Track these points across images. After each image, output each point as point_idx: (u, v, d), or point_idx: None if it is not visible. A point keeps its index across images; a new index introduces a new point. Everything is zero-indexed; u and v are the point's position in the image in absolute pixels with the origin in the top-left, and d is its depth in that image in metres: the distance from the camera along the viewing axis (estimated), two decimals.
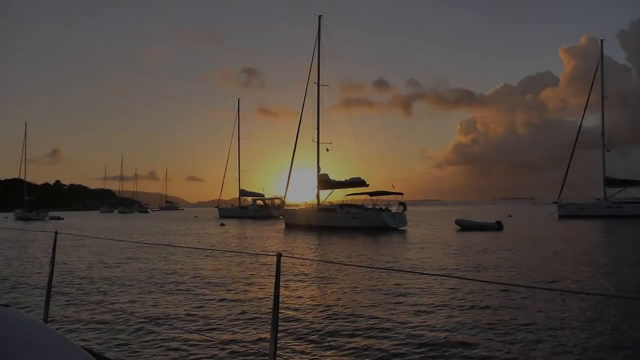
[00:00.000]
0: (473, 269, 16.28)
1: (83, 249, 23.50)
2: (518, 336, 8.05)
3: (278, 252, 3.38)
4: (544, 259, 18.37)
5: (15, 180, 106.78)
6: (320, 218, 42.05)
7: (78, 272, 15.62)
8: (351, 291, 12.06)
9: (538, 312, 9.67)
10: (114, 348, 7.47)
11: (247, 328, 8.64)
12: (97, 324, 8.85)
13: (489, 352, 7.23)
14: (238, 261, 18.20)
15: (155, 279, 14.23)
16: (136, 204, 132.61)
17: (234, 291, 12.22)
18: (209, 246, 26.46)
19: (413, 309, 9.94)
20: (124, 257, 19.70)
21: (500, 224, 37.29)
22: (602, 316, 9.43)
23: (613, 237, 29.09)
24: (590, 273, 14.94)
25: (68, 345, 1.78)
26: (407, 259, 19.28)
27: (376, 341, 7.79)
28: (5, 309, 1.87)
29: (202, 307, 10.31)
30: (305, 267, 16.43)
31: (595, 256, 19.28)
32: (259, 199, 77.06)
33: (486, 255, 19.83)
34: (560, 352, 7.25)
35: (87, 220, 72.46)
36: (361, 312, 9.80)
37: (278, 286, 3.38)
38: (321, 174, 46.44)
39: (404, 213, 39.92)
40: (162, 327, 8.60)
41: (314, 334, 8.28)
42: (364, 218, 39.54)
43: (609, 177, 58.37)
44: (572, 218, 53.59)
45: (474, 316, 9.39)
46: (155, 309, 10.23)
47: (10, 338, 1.68)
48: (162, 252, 21.34)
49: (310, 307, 10.41)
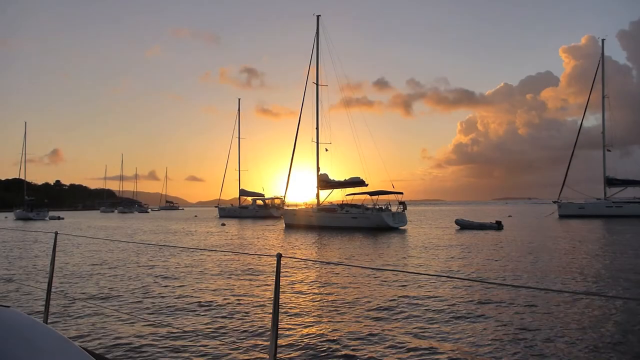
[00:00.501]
0: (473, 269, 16.27)
1: (83, 249, 23.49)
2: (518, 336, 8.05)
3: (278, 253, 3.38)
4: (543, 259, 18.35)
5: (16, 180, 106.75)
6: (320, 218, 42.04)
7: (78, 273, 15.62)
8: (351, 291, 12.06)
9: (538, 313, 9.67)
10: (114, 348, 7.47)
11: (247, 328, 8.64)
12: (97, 325, 8.84)
13: (489, 350, 7.23)
14: (238, 261, 18.19)
15: (156, 279, 14.23)
16: (136, 204, 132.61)
17: (234, 292, 12.21)
18: (209, 246, 26.45)
19: (413, 309, 9.94)
20: (124, 257, 19.71)
21: (500, 223, 37.31)
22: (605, 317, 9.42)
23: (613, 237, 29.06)
24: (589, 273, 14.93)
25: (68, 346, 1.78)
26: (407, 258, 19.27)
27: (377, 341, 7.79)
28: (5, 310, 1.88)
29: (202, 308, 10.31)
30: (306, 268, 16.43)
31: (594, 256, 19.27)
32: (259, 198, 77.08)
33: (485, 256, 19.82)
34: (564, 353, 7.25)
35: (87, 220, 72.43)
36: (362, 312, 9.81)
37: (278, 287, 3.38)
38: (321, 174, 46.44)
39: (404, 212, 39.97)
40: (161, 328, 8.60)
41: (314, 334, 8.28)
42: (364, 218, 39.54)
43: (610, 177, 58.37)
44: (572, 218, 53.60)
45: (477, 317, 9.38)
46: (155, 310, 10.23)
47: (11, 338, 1.69)
48: (161, 253, 21.34)
49: (310, 308, 10.41)
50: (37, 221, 68.67)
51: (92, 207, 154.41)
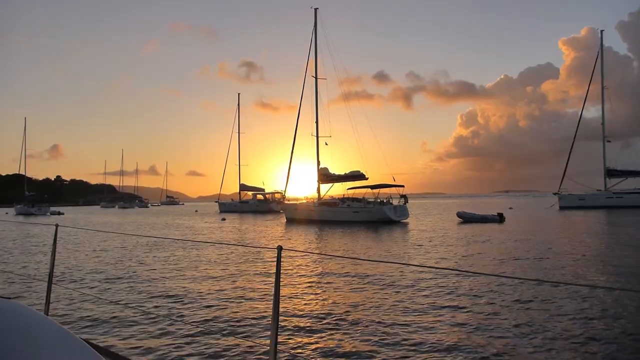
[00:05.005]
0: (475, 261, 16.28)
1: (84, 241, 23.52)
2: (517, 329, 8.04)
3: (279, 246, 3.35)
4: (544, 251, 18.35)
5: (16, 175, 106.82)
6: (321, 212, 42.03)
7: (79, 265, 15.63)
8: (353, 284, 12.06)
9: (539, 305, 9.67)
10: (115, 340, 7.46)
11: (248, 321, 8.63)
12: (98, 317, 8.84)
13: (490, 346, 7.21)
14: (239, 254, 18.21)
15: (157, 271, 14.23)
16: (137, 199, 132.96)
17: (235, 284, 12.21)
18: (210, 239, 26.47)
19: (415, 302, 9.93)
20: (125, 250, 19.72)
21: (501, 216, 37.35)
22: (608, 309, 9.41)
23: (614, 228, 29.10)
24: (590, 264, 14.93)
25: (69, 338, 1.79)
26: (409, 250, 19.28)
27: (378, 335, 7.77)
28: (7, 302, 1.88)
29: (203, 300, 10.31)
30: (307, 261, 16.44)
31: (595, 247, 19.28)
32: (259, 193, 77.21)
33: (488, 247, 19.84)
34: (562, 348, 7.23)
35: (88, 215, 72.59)
36: (363, 305, 9.80)
37: (279, 279, 3.35)
38: (321, 168, 46.42)
39: (406, 206, 39.97)
40: (162, 320, 8.60)
41: (315, 327, 8.27)
42: (366, 211, 39.55)
43: (610, 168, 58.45)
44: (573, 209, 53.68)
45: (479, 309, 9.37)
46: (156, 302, 10.23)
47: (12, 330, 1.70)
48: (163, 245, 21.36)
49: (311, 300, 10.40)
50: (38, 216, 68.85)
51: (92, 202, 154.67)
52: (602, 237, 24.00)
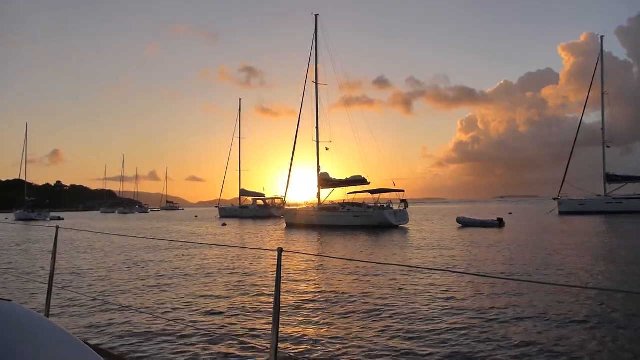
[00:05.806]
0: (474, 264, 16.27)
1: (84, 244, 23.49)
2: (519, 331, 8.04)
3: (279, 248, 3.40)
4: (544, 255, 18.33)
5: (16, 181, 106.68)
6: (321, 217, 41.97)
7: (80, 267, 15.61)
8: (352, 286, 12.05)
9: (541, 307, 9.66)
10: (115, 342, 7.46)
11: (249, 322, 8.63)
12: (98, 318, 8.85)
13: (490, 348, 7.21)
14: (239, 257, 18.19)
15: (157, 273, 14.22)
16: (137, 205, 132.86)
17: (235, 286, 12.21)
18: (210, 242, 26.44)
19: (416, 303, 9.93)
20: (125, 253, 19.70)
21: (501, 221, 37.32)
22: (609, 311, 9.41)
23: (614, 233, 29.07)
24: (591, 268, 14.92)
25: (69, 340, 1.78)
26: (409, 254, 19.26)
27: (379, 337, 7.78)
28: (7, 304, 1.88)
29: (204, 302, 10.30)
30: (307, 263, 16.42)
31: (596, 251, 19.26)
32: (259, 198, 77.09)
33: (487, 251, 19.82)
34: (565, 350, 7.23)
35: (88, 220, 72.51)
36: (363, 307, 9.79)
37: (279, 281, 3.38)
38: (322, 173, 46.38)
39: (406, 210, 39.94)
40: (163, 321, 8.59)
41: (315, 328, 8.27)
42: (366, 216, 39.50)
43: (609, 173, 58.34)
44: (573, 214, 53.56)
45: (479, 311, 9.37)
46: (156, 304, 10.23)
47: (13, 332, 1.68)
48: (163, 248, 21.33)
49: (311, 302, 10.39)
50: (38, 222, 68.71)
51: (92, 207, 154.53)
52: (600, 242, 23.96)
